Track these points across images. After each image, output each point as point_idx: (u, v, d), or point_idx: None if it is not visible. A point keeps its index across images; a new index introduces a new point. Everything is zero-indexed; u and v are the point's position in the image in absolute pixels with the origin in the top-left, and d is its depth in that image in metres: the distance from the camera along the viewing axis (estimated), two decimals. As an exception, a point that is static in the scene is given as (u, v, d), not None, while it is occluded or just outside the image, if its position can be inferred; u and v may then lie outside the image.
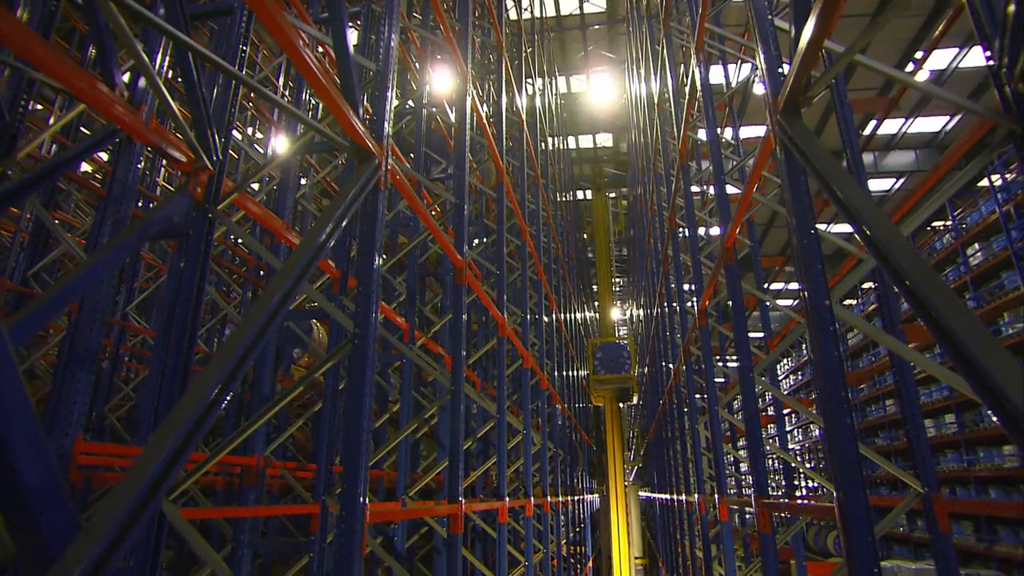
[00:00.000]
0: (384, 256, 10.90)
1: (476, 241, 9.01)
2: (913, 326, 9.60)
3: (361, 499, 2.50)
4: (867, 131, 15.01)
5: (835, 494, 2.20)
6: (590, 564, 14.87)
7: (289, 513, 5.82)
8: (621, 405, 16.35)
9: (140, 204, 8.08)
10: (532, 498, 6.25)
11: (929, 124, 18.44)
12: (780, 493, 24.51)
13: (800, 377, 29.96)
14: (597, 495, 19.13)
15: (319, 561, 3.82)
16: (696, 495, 6.75)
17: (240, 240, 10.36)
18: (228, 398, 1.83)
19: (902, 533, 21.76)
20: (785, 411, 32.45)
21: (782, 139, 2.47)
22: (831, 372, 2.26)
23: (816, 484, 27.60)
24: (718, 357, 8.74)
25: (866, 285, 22.79)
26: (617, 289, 31.43)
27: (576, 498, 12.53)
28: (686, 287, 8.29)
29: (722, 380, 10.04)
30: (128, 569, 2.41)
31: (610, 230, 22.44)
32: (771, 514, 3.51)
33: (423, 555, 10.78)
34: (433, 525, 5.10)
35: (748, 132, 13.86)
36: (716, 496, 5.05)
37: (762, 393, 29.45)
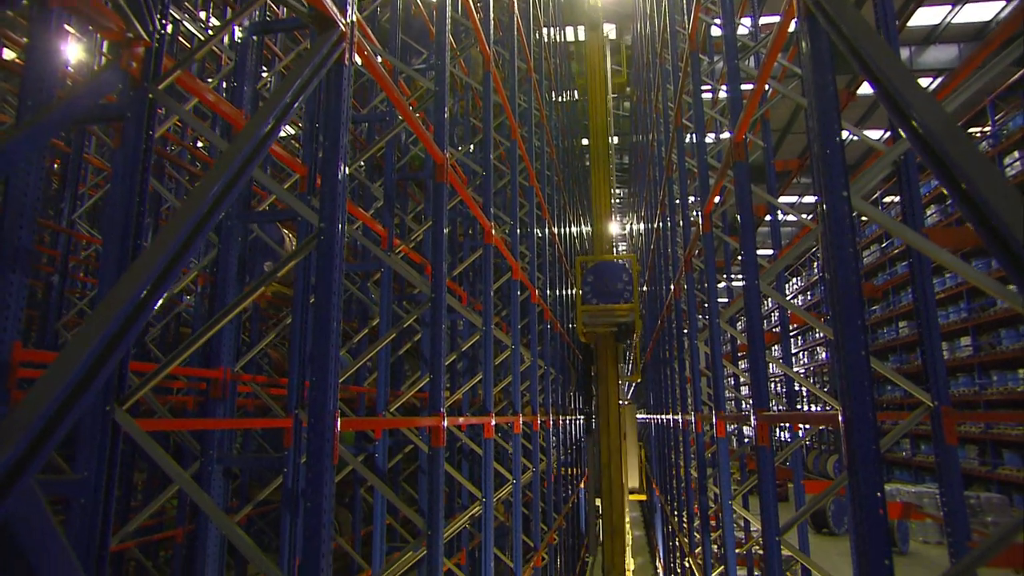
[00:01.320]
0: (361, 164, 10.58)
1: (461, 148, 8.73)
2: (934, 231, 9.57)
3: (331, 405, 2.49)
4: (904, 20, 13.80)
5: (840, 401, 2.20)
6: (582, 485, 15.56)
7: (258, 426, 5.95)
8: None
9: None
10: (521, 415, 6.40)
11: (979, 11, 17.13)
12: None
13: (809, 297, 30.36)
14: (590, 417, 19.09)
15: (293, 477, 3.91)
16: (693, 413, 6.94)
17: (199, 141, 9.97)
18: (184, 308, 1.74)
19: (904, 457, 22.93)
20: (792, 330, 33.08)
21: (806, 2, 2.28)
22: (844, 267, 2.20)
23: (820, 408, 28.60)
24: (723, 275, 8.74)
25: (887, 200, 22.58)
26: (617, 201, 31.04)
27: (568, 418, 12.93)
28: (691, 199, 8.16)
29: (725, 301, 10.15)
30: (83, 481, 2.43)
31: (608, 86, 17.29)
32: (770, 429, 3.59)
33: (408, 475, 11.22)
34: (416, 442, 5.23)
35: (769, 20, 13.18)
36: (713, 413, 5.18)
37: (768, 313, 29.97)
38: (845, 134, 3.76)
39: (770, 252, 7.00)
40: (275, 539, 9.24)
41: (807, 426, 23.30)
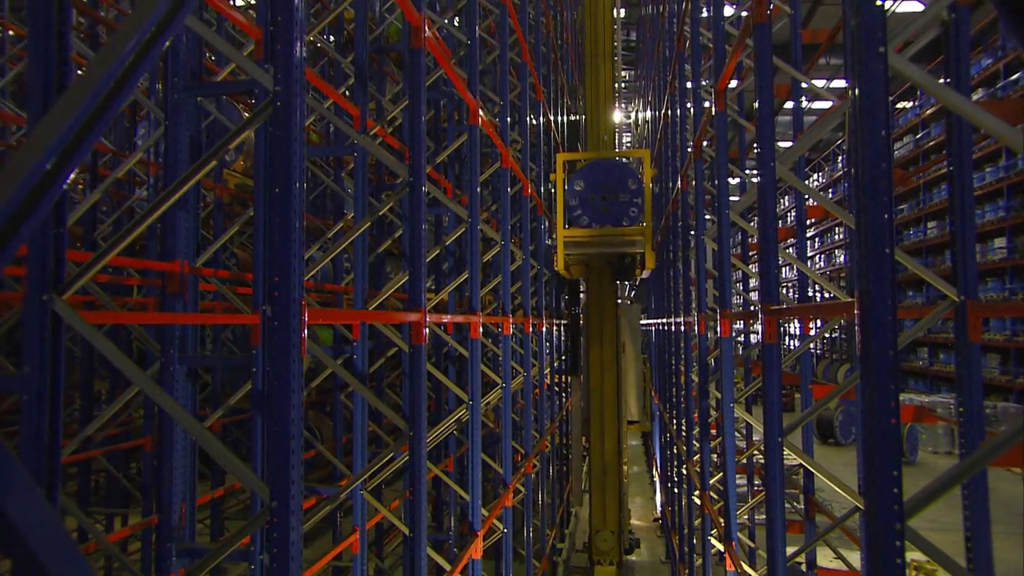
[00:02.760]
0: (330, 37, 10.03)
1: (443, 14, 8.26)
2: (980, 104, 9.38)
3: (296, 293, 2.46)
4: None
5: (857, 286, 2.18)
6: (570, 405, 16.04)
7: (222, 322, 5.99)
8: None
9: None
10: (511, 316, 6.45)
11: None
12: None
13: (831, 194, 30.20)
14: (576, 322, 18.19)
15: (263, 378, 3.96)
16: (696, 314, 7.03)
17: None
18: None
19: (920, 366, 23.71)
20: (808, 229, 33.12)
21: None
22: (874, 137, 2.11)
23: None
24: (736, 167, 8.58)
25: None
26: (622, 86, 30.02)
27: (563, 323, 13.09)
28: (704, 82, 7.85)
29: (736, 199, 9.99)
30: (26, 377, 2.43)
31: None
32: (778, 325, 3.62)
33: (391, 382, 11.51)
34: (397, 342, 5.28)
35: None
36: (718, 312, 5.22)
37: (783, 214, 29.87)
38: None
39: (790, 144, 6.83)
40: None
41: (819, 324, 23.79)
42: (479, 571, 5.34)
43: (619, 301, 11.35)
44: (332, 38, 10.14)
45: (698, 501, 7.30)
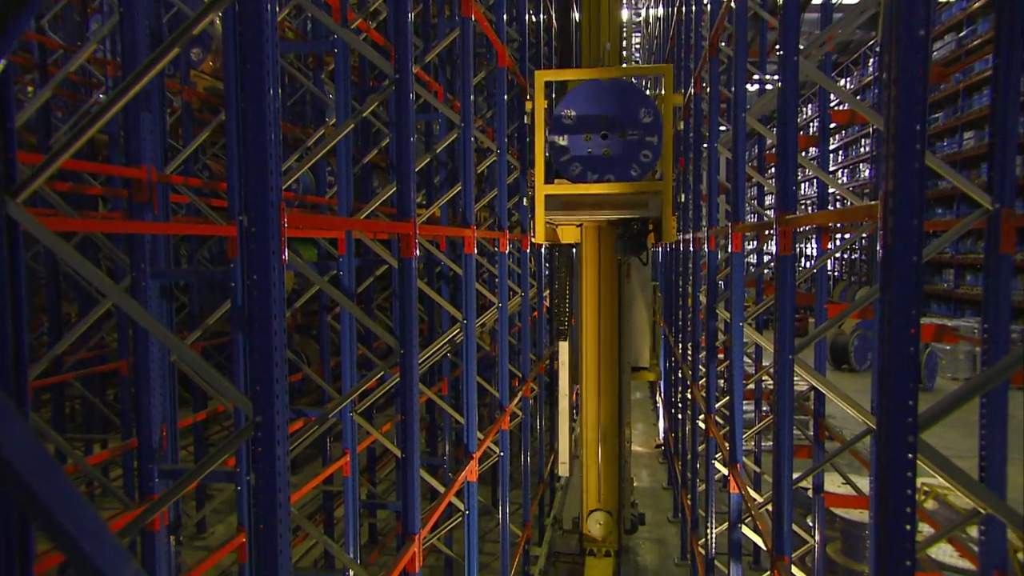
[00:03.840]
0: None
1: None
2: None
3: (273, 196, 2.43)
4: None
5: (881, 185, 2.15)
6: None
7: (194, 233, 5.97)
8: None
9: None
10: (507, 233, 6.43)
11: None
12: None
13: (859, 100, 29.59)
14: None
15: (243, 293, 3.97)
16: (706, 230, 7.01)
17: None
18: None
19: (945, 289, 23.88)
20: (831, 137, 32.64)
21: None
22: (910, 33, 2.03)
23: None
24: (754, 69, 8.34)
25: None
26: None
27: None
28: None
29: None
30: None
31: None
32: (794, 237, 3.61)
33: (381, 304, 11.59)
34: (385, 257, 5.28)
35: None
36: (730, 225, 5.21)
37: (804, 124, 29.34)
38: None
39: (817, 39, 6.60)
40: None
41: (838, 241, 23.80)
42: (475, 494, 5.54)
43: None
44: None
45: (703, 426, 7.50)
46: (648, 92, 8.14)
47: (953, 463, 2.12)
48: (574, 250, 8.66)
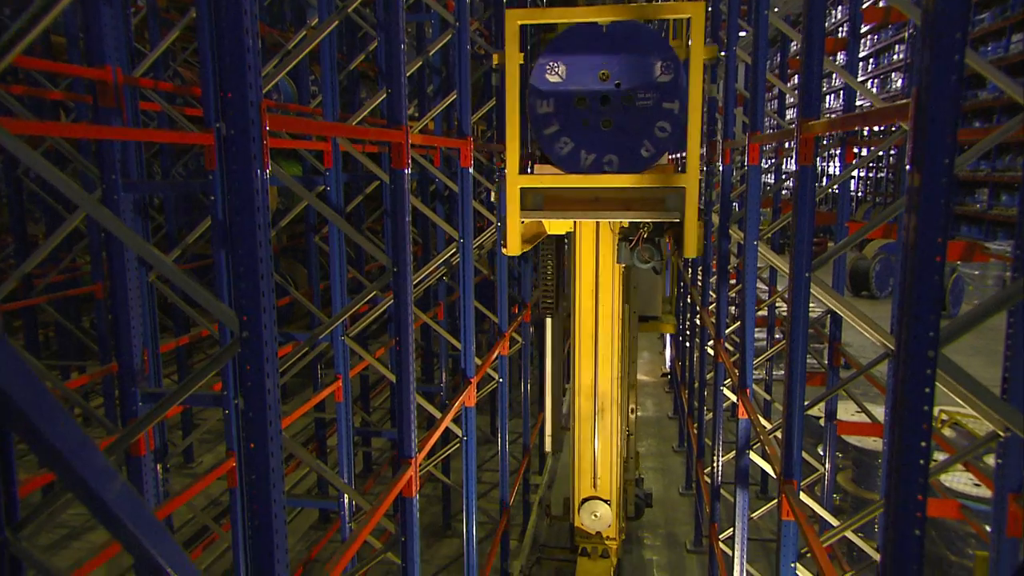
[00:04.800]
0: None
1: None
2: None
3: (253, 95, 2.39)
4: None
5: (913, 86, 2.11)
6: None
7: (167, 140, 5.90)
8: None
9: None
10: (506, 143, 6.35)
11: None
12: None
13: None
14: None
15: (223, 207, 3.95)
16: (721, 142, 6.93)
17: None
18: None
19: (978, 210, 23.75)
20: (862, 40, 31.87)
21: None
22: None
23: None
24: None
25: None
26: None
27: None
28: None
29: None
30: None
31: None
32: (816, 146, 3.57)
33: (371, 225, 11.57)
34: (376, 171, 5.24)
35: None
36: (747, 136, 5.14)
37: (833, 29, 28.56)
38: None
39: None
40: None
41: (863, 154, 23.56)
42: (472, 420, 5.67)
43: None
44: None
45: (711, 352, 7.61)
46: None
47: (973, 378, 2.16)
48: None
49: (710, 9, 8.34)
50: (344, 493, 5.26)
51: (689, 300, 11.06)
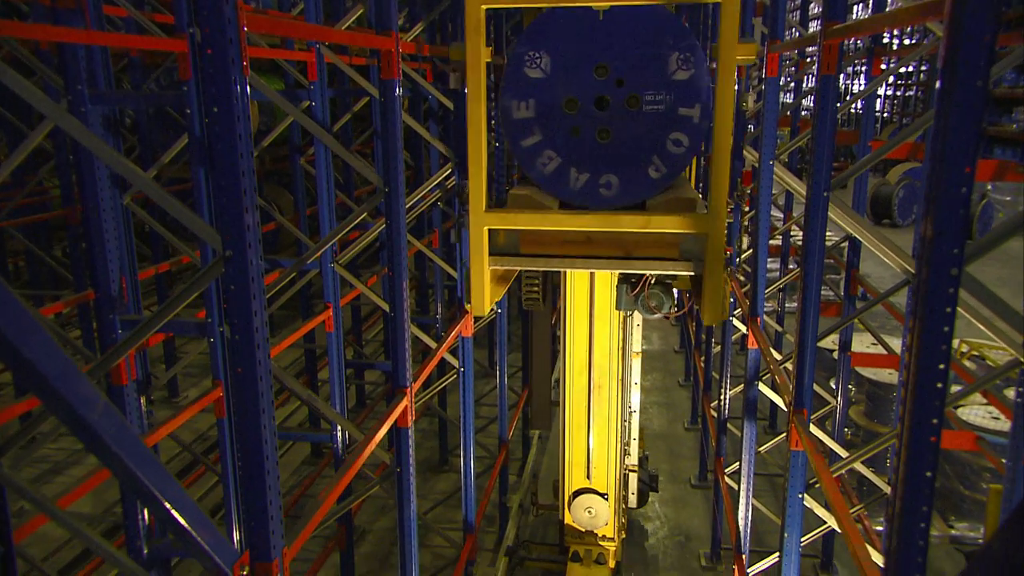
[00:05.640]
0: None
1: None
2: None
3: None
4: None
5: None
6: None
7: (136, 46, 5.74)
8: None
9: None
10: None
11: None
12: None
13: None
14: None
15: (200, 120, 3.90)
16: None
17: None
18: None
19: (1014, 131, 23.38)
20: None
21: None
22: None
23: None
24: None
25: None
26: None
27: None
28: None
29: None
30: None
31: None
32: (840, 55, 3.50)
33: (360, 148, 11.45)
34: (366, 86, 5.15)
35: None
36: (765, 46, 5.03)
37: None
38: None
39: None
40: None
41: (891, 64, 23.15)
42: (469, 351, 5.73)
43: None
44: None
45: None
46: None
47: (997, 296, 2.17)
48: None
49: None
50: (337, 424, 5.36)
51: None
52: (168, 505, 2.18)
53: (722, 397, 7.01)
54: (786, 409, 4.29)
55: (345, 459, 5.58)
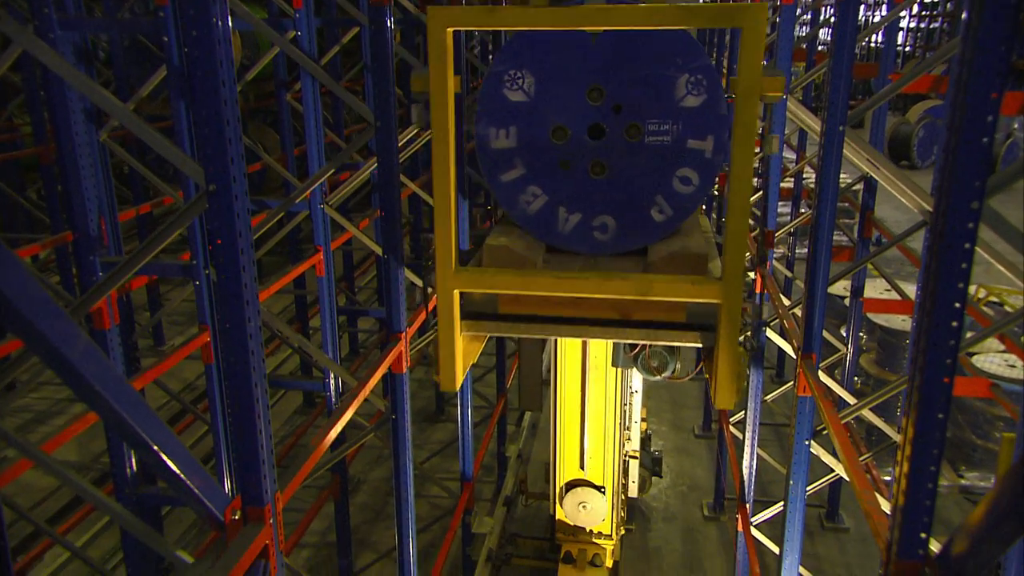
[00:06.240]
0: None
1: None
2: None
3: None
4: None
5: None
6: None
7: None
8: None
9: None
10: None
11: None
12: None
13: None
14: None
15: (179, 48, 3.84)
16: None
17: None
18: None
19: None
20: None
21: None
22: None
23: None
24: None
25: None
26: None
27: None
28: None
29: None
30: None
31: None
32: (861, -21, 3.43)
33: (350, 84, 11.31)
34: (355, 13, 5.05)
35: None
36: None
37: None
38: None
39: None
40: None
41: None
42: (466, 296, 5.73)
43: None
44: None
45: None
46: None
47: (1018, 230, 2.17)
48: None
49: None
50: (330, 371, 5.40)
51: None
52: (156, 448, 2.20)
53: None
54: (794, 355, 4.32)
55: (339, 406, 5.64)
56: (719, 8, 2.97)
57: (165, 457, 2.23)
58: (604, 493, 5.34)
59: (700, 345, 3.57)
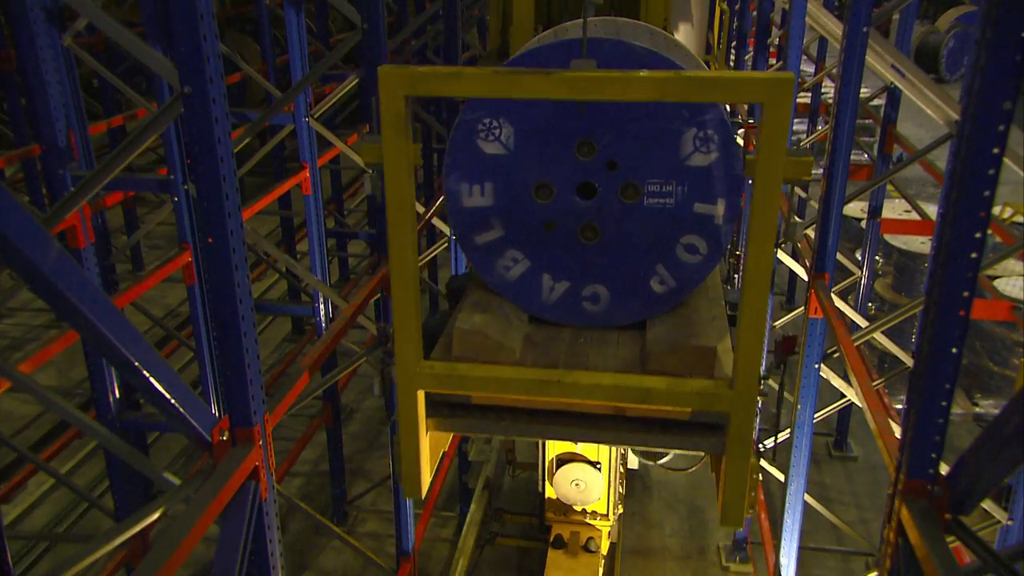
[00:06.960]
0: None
1: None
2: None
3: None
4: None
5: None
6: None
7: None
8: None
9: None
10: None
11: None
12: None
13: None
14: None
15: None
16: None
17: None
18: None
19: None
20: None
21: None
22: None
23: None
24: None
25: None
26: None
27: None
28: None
29: None
30: None
31: None
32: None
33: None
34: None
35: None
36: None
37: None
38: None
39: None
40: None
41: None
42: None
43: None
44: None
45: (741, 141, 7.53)
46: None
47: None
48: None
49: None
50: (319, 294, 5.41)
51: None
52: (138, 364, 2.21)
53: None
54: (806, 277, 4.32)
55: (329, 328, 5.67)
56: (738, 79, 2.59)
57: (148, 374, 2.24)
58: (600, 469, 4.93)
59: (703, 453, 3.21)
